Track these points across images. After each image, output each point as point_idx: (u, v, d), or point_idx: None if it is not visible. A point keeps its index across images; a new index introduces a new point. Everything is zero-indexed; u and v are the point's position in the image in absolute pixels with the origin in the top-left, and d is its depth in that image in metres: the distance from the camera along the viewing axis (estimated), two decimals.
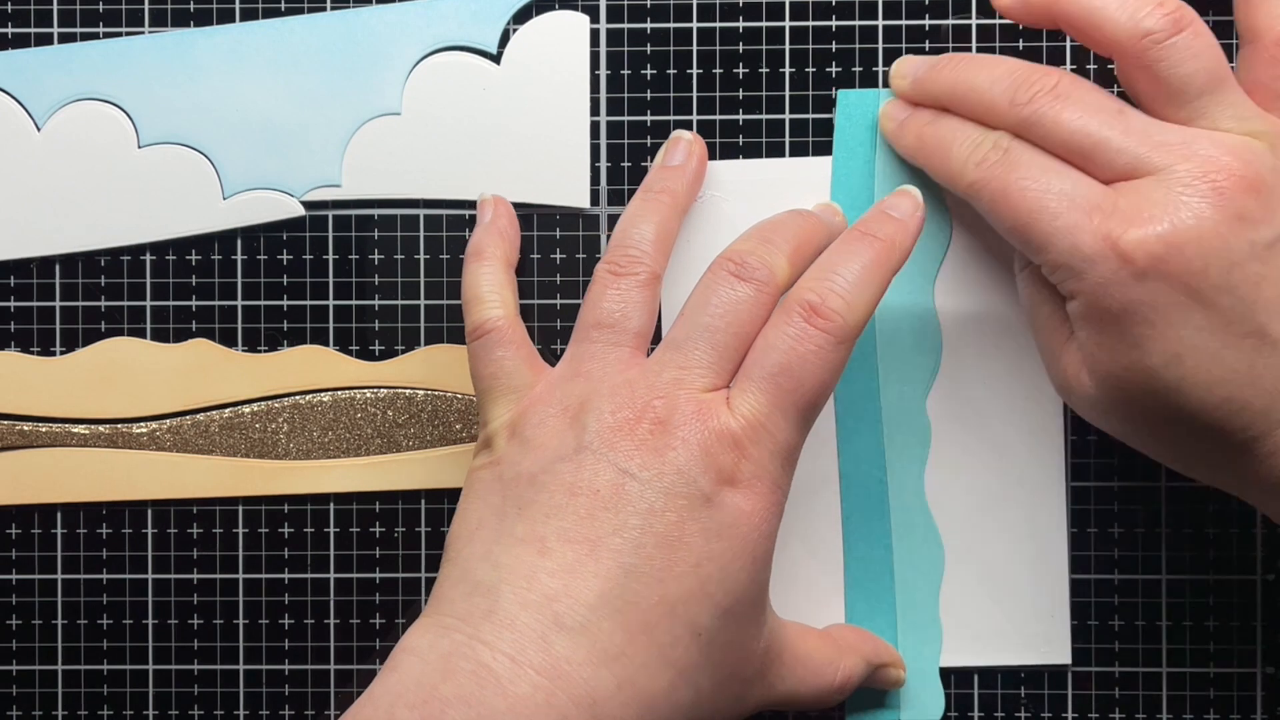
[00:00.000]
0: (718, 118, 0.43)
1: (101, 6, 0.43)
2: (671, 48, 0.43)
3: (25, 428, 0.43)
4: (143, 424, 0.43)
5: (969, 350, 0.42)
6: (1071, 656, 0.43)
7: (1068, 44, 0.43)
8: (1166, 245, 0.34)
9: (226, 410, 0.43)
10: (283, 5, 0.43)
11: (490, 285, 0.40)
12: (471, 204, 0.43)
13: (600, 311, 0.37)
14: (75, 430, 0.43)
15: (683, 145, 0.42)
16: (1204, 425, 0.35)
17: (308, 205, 0.43)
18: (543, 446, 0.36)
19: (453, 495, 0.43)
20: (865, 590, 0.42)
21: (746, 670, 0.36)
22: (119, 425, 0.43)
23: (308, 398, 0.43)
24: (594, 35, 0.43)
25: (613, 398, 0.36)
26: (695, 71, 0.43)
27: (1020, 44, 0.43)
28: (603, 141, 0.43)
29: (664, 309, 0.43)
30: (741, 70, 0.43)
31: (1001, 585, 0.42)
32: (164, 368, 0.43)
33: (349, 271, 0.44)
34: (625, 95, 0.43)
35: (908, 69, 0.41)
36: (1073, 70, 0.43)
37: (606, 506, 0.34)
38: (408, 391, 0.43)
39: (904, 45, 0.43)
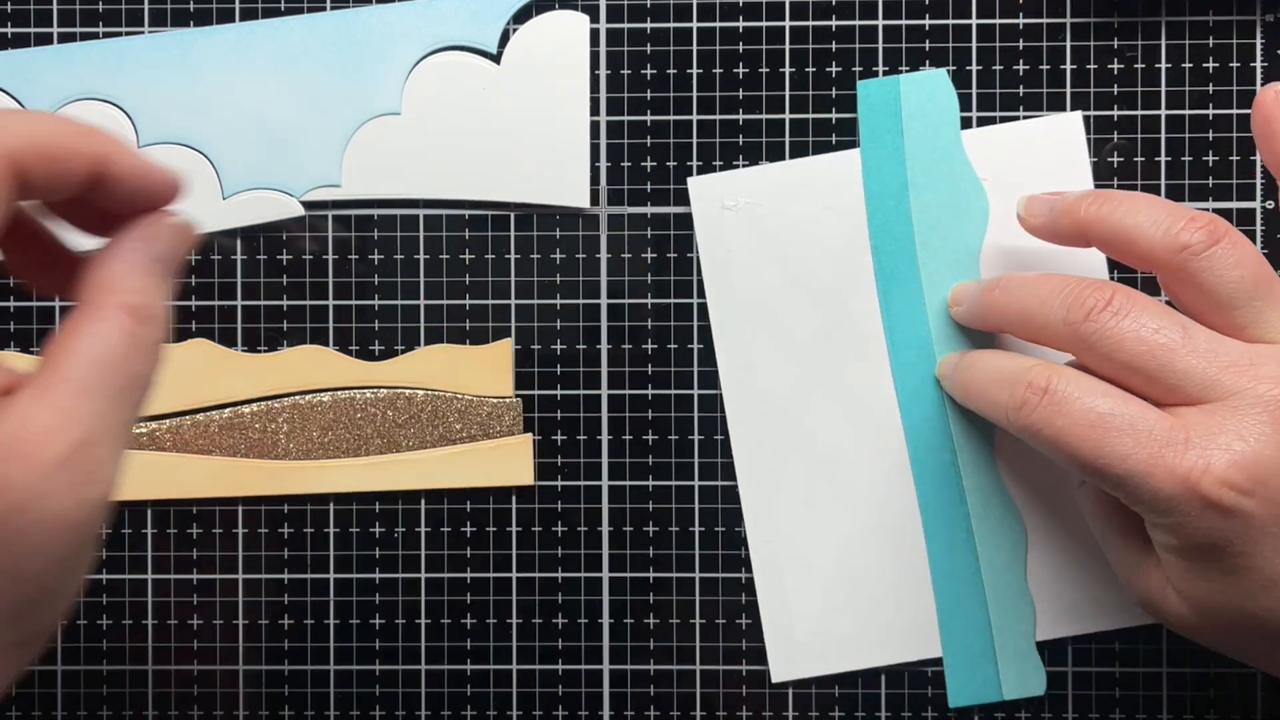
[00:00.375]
0: (718, 118, 0.43)
1: (101, 6, 0.43)
2: (671, 48, 0.43)
3: None
4: (142, 424, 0.43)
5: None
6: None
7: (1068, 44, 0.43)
8: (1251, 479, 0.32)
9: (226, 410, 0.43)
10: (283, 5, 0.43)
11: None
12: (471, 204, 0.43)
13: None
14: None
15: None
16: None
17: (307, 205, 0.43)
18: None
19: (452, 496, 0.43)
20: (952, 576, 0.42)
21: None
22: None
23: (307, 398, 0.43)
24: (594, 35, 0.43)
25: None
26: (695, 71, 0.43)
27: (1020, 44, 0.43)
28: (603, 141, 0.43)
29: (714, 333, 0.43)
30: (741, 70, 0.43)
31: (1085, 552, 0.42)
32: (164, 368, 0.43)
33: (349, 271, 0.44)
34: (625, 95, 0.43)
35: (962, 295, 0.41)
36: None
37: None
38: (407, 391, 0.43)
39: (904, 45, 0.43)
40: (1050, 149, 0.43)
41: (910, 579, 0.43)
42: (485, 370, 0.43)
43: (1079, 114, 0.43)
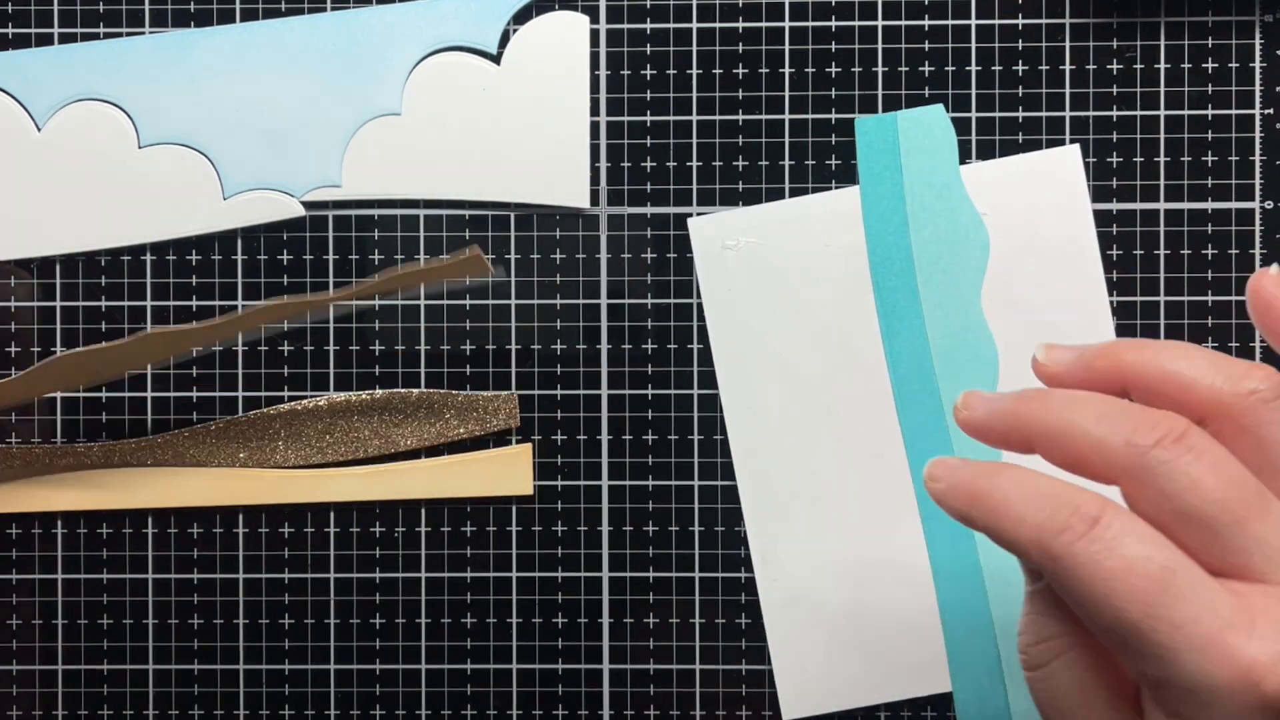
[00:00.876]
0: (718, 118, 0.43)
1: (102, 7, 0.43)
2: (671, 48, 0.43)
3: (24, 453, 0.43)
4: (140, 440, 0.43)
5: (1024, 354, 0.42)
6: None
7: (1068, 44, 0.43)
8: None
9: (223, 420, 0.43)
10: (283, 5, 0.43)
11: None
12: (471, 204, 0.43)
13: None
14: (74, 451, 0.43)
15: None
16: None
17: (308, 205, 0.43)
18: None
19: (452, 500, 0.43)
20: (960, 609, 0.42)
21: None
22: (117, 443, 0.43)
23: (303, 403, 0.43)
24: (594, 35, 0.43)
25: None
26: (695, 71, 0.43)
27: (1020, 44, 0.43)
28: (603, 141, 0.43)
29: (717, 370, 0.43)
30: (741, 70, 0.43)
31: None
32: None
33: (349, 271, 0.44)
34: (625, 95, 0.43)
35: (977, 402, 0.32)
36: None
37: None
38: (402, 391, 0.43)
39: (904, 45, 0.43)
40: (1048, 182, 0.43)
41: (918, 613, 0.43)
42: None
43: (1076, 147, 0.43)
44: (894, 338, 0.42)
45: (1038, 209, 0.42)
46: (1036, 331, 0.42)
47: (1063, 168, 0.43)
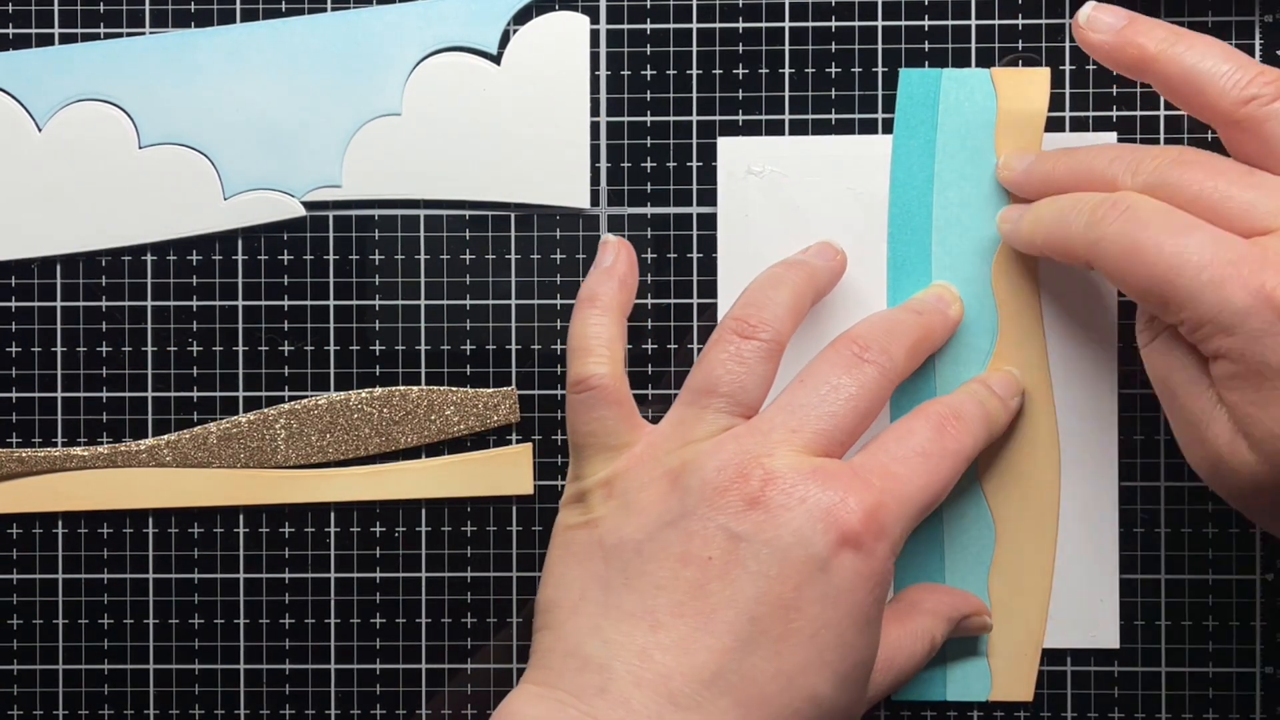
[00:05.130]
0: (717, 118, 0.43)
1: (102, 7, 0.43)
2: (671, 48, 0.43)
3: (24, 454, 0.43)
4: (141, 441, 0.43)
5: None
6: (1120, 642, 0.43)
7: (1068, 44, 0.43)
8: None
9: (224, 421, 0.43)
10: (283, 5, 0.43)
11: (599, 337, 0.38)
12: (472, 204, 0.43)
13: (714, 378, 0.36)
14: (74, 453, 0.43)
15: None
16: None
17: (308, 205, 0.43)
18: (645, 511, 0.35)
19: (452, 500, 0.43)
20: (914, 569, 0.42)
21: (857, 714, 0.36)
22: (118, 445, 0.43)
23: (303, 402, 0.43)
24: (594, 35, 0.43)
25: (716, 455, 0.35)
26: (695, 72, 0.43)
27: (1020, 44, 0.43)
28: (603, 141, 0.43)
29: (719, 290, 0.43)
30: (741, 70, 0.43)
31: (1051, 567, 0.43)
32: None
33: (349, 271, 0.44)
34: (625, 95, 0.43)
35: (1016, 163, 0.40)
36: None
37: (719, 575, 0.33)
38: (401, 389, 0.43)
39: (904, 46, 0.43)
40: None
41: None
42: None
43: (1113, 135, 0.43)
44: (899, 291, 0.42)
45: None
46: (1043, 304, 0.42)
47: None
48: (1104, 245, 0.35)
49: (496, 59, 0.43)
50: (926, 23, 0.43)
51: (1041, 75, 0.42)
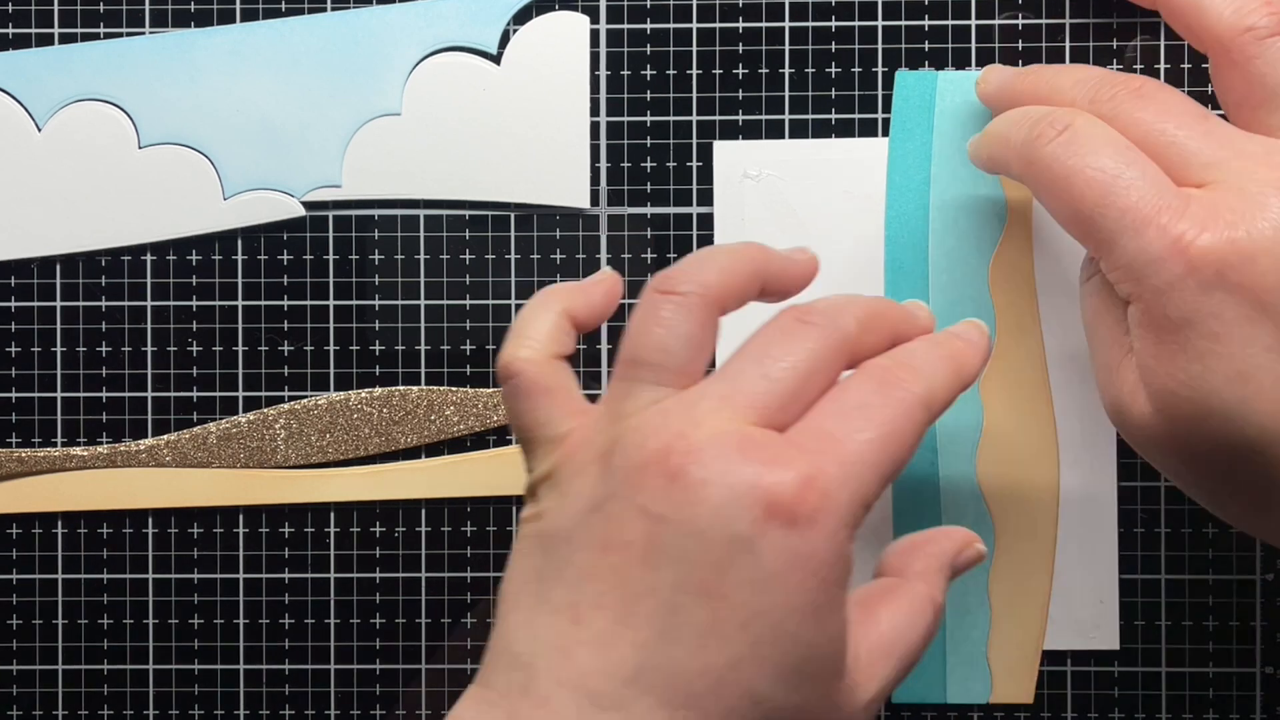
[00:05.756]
0: (717, 118, 0.43)
1: (102, 7, 0.43)
2: (671, 48, 0.43)
3: (24, 454, 0.43)
4: (141, 441, 0.43)
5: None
6: (1120, 642, 0.43)
7: (1068, 44, 0.43)
8: (1239, 254, 0.31)
9: (224, 421, 0.43)
10: (283, 5, 0.43)
11: (533, 325, 0.34)
12: (472, 204, 0.43)
13: (641, 346, 0.32)
14: (74, 453, 0.43)
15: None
16: (1264, 458, 0.32)
17: (308, 205, 0.43)
18: (576, 496, 0.31)
19: (452, 500, 0.43)
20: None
21: (836, 716, 0.32)
22: (118, 444, 0.43)
23: (303, 402, 0.43)
24: (594, 35, 0.43)
25: (640, 430, 0.31)
26: (695, 71, 0.43)
27: (1020, 44, 0.43)
28: (603, 141, 0.43)
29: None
30: (741, 70, 0.43)
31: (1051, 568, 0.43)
32: None
33: (349, 271, 0.44)
34: (625, 95, 0.43)
35: (993, 75, 0.39)
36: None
37: (639, 561, 0.30)
38: (402, 388, 0.43)
39: (904, 45, 0.43)
40: None
41: (869, 566, 0.43)
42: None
43: None
44: (896, 293, 0.42)
45: None
46: (1042, 304, 0.42)
47: None
48: (1038, 167, 0.34)
49: (496, 59, 0.43)
50: (926, 23, 0.43)
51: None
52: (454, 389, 0.43)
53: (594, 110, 0.43)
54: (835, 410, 0.31)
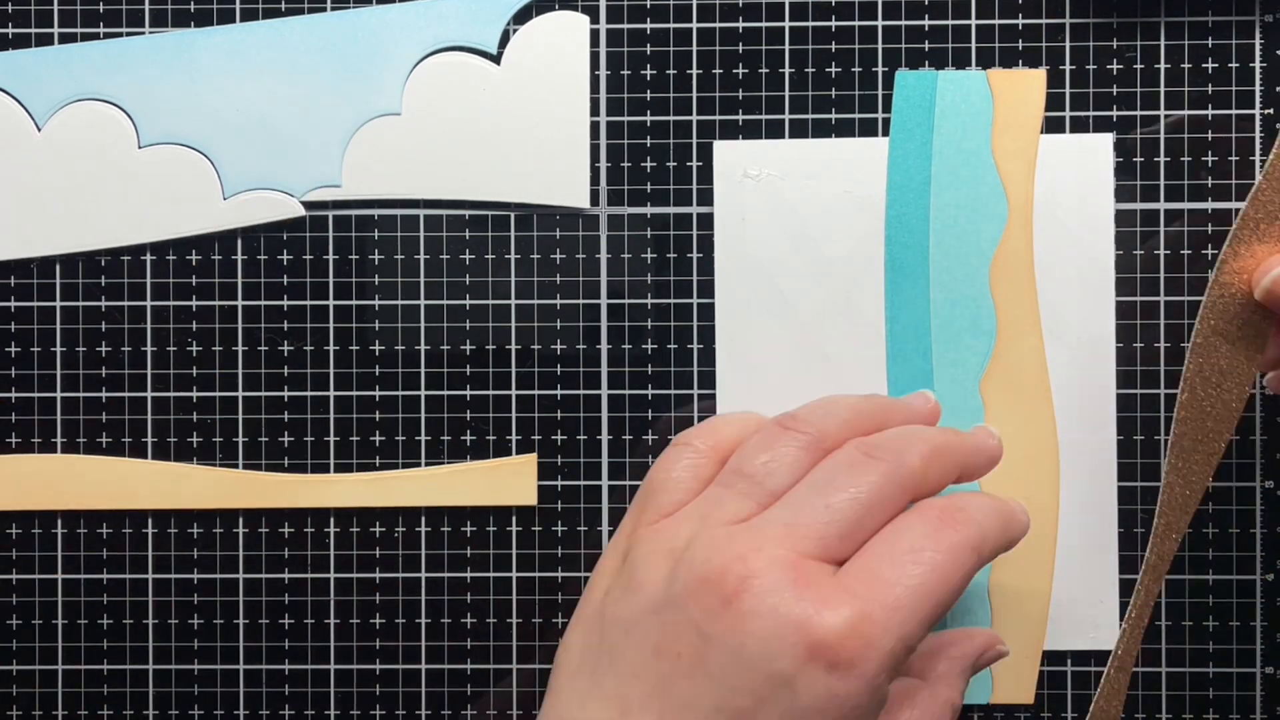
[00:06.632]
0: (717, 118, 0.43)
1: (101, 7, 0.43)
2: (671, 48, 0.43)
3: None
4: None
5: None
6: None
7: (1068, 44, 0.43)
8: None
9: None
10: (283, 5, 0.43)
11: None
12: (471, 204, 0.43)
13: (748, 461, 0.34)
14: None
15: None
16: None
17: (308, 205, 0.43)
18: (641, 588, 0.33)
19: (456, 506, 0.43)
20: None
21: None
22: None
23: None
24: (594, 35, 0.43)
25: (711, 543, 0.32)
26: (695, 71, 0.43)
27: (1019, 44, 0.43)
28: (603, 141, 0.43)
29: (716, 296, 0.43)
30: (741, 70, 0.43)
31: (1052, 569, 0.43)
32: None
33: (349, 271, 0.44)
34: (625, 95, 0.43)
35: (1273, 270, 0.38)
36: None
37: (686, 674, 0.31)
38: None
39: (904, 45, 0.43)
40: (1074, 166, 0.42)
41: None
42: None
43: (1110, 136, 0.43)
44: (896, 293, 0.42)
45: (1060, 190, 0.42)
46: (1042, 307, 0.42)
47: (1094, 153, 0.43)
48: None
49: (496, 59, 0.43)
50: (926, 23, 0.43)
51: (1038, 76, 0.42)
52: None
53: (594, 110, 0.43)
54: (887, 553, 0.32)
